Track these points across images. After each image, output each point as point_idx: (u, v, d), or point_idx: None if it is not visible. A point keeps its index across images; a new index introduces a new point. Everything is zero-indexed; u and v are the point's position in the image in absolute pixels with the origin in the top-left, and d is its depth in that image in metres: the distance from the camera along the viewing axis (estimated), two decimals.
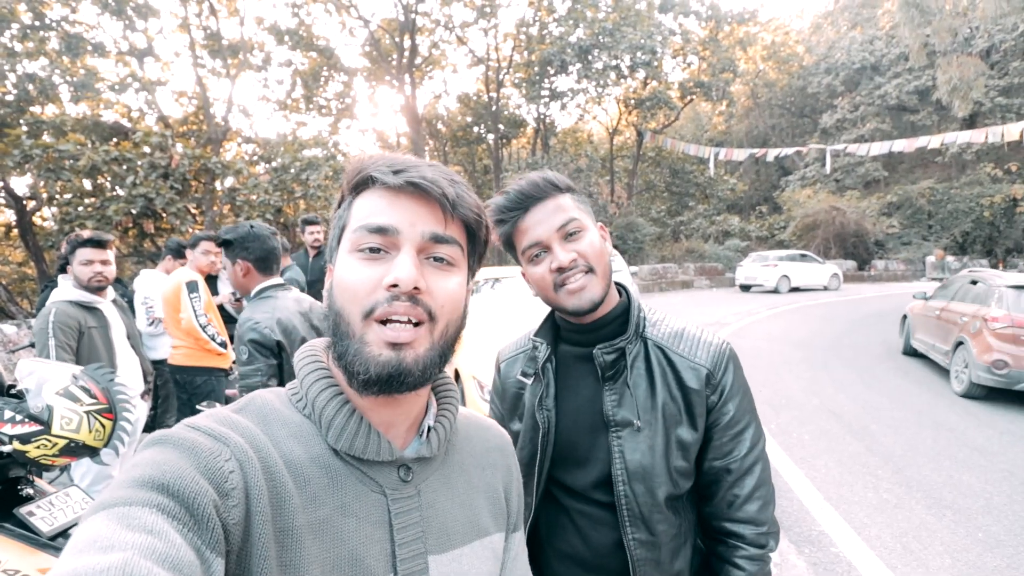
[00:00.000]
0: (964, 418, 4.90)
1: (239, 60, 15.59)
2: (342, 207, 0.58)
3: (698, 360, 0.93)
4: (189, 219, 10.01)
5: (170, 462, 0.42)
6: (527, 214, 0.91)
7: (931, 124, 24.49)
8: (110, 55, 13.58)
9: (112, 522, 0.37)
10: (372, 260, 0.53)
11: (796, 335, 9.42)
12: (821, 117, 28.13)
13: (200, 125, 15.44)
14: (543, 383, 0.98)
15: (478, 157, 26.06)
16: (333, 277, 0.56)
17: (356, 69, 21.54)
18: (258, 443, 0.49)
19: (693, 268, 20.73)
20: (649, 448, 0.91)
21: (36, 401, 1.41)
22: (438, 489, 0.59)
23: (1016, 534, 2.99)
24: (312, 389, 0.55)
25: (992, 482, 3.64)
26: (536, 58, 19.90)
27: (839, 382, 6.30)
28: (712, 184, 24.74)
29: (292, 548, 0.47)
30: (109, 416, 1.52)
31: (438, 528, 0.57)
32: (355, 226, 0.54)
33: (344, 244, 0.56)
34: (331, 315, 0.55)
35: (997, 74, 22.95)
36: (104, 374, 1.59)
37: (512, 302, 4.84)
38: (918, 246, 22.66)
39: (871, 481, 3.68)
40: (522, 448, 1.00)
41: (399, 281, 0.51)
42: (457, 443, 0.65)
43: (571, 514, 0.98)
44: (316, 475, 0.51)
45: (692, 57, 22.31)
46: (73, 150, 8.44)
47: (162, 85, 14.87)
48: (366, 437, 0.53)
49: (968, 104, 17.11)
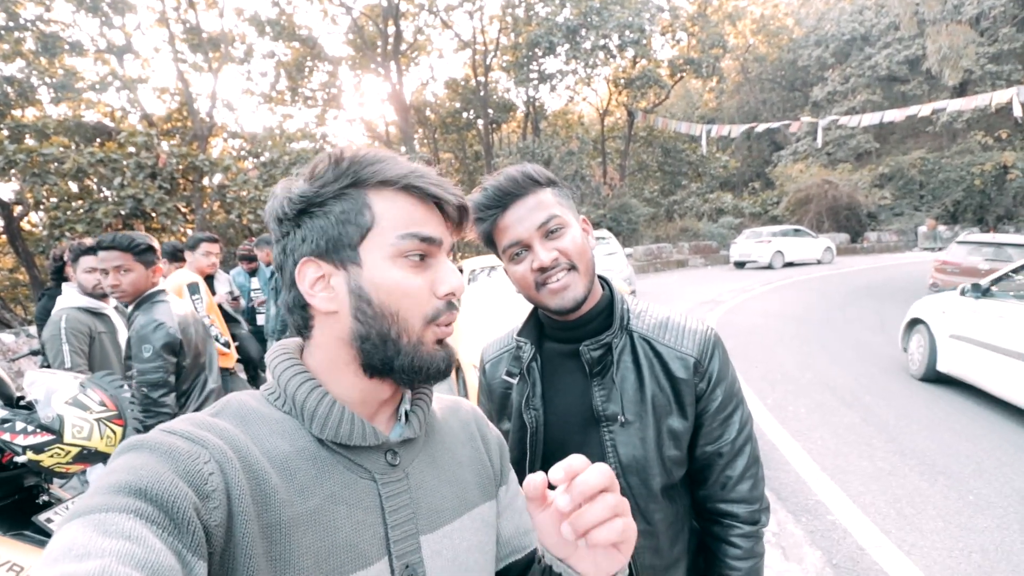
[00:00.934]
0: (957, 386, 5.00)
1: (220, 53, 15.34)
2: (343, 202, 0.54)
3: (684, 349, 0.93)
4: (180, 218, 9.95)
5: (147, 466, 0.41)
6: (506, 211, 0.88)
7: (922, 94, 24.40)
8: (88, 54, 13.35)
9: (88, 529, 0.36)
10: (419, 267, 0.55)
11: (790, 310, 9.51)
12: (812, 90, 27.98)
13: (184, 122, 15.23)
14: (529, 383, 0.97)
15: (468, 143, 25.85)
16: (368, 280, 0.54)
17: (340, 58, 21.24)
18: (237, 443, 0.49)
19: (688, 247, 20.78)
20: (641, 440, 0.91)
21: (46, 411, 1.44)
22: (425, 469, 0.61)
23: (1006, 495, 3.09)
24: (291, 384, 0.55)
25: (983, 448, 3.73)
26: (523, 40, 19.65)
27: (833, 355, 6.39)
28: (704, 162, 24.67)
29: (281, 542, 0.47)
30: (119, 422, 1.55)
31: (427, 507, 0.59)
32: (401, 232, 0.54)
33: (379, 247, 0.54)
34: (375, 315, 0.54)
35: (987, 41, 22.82)
36: (111, 381, 1.62)
37: (508, 290, 4.87)
38: (910, 216, 22.76)
39: (866, 450, 3.77)
40: (512, 448, 0.99)
41: (456, 290, 0.56)
42: (436, 423, 0.66)
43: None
44: (303, 467, 0.52)
45: (681, 34, 22.09)
46: (57, 153, 8.35)
47: (143, 82, 14.65)
48: (351, 424, 0.54)
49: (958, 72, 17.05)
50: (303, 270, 0.55)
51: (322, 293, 0.55)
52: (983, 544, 2.66)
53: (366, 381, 0.57)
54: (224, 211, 10.79)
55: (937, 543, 2.69)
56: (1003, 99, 11.52)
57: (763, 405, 4.80)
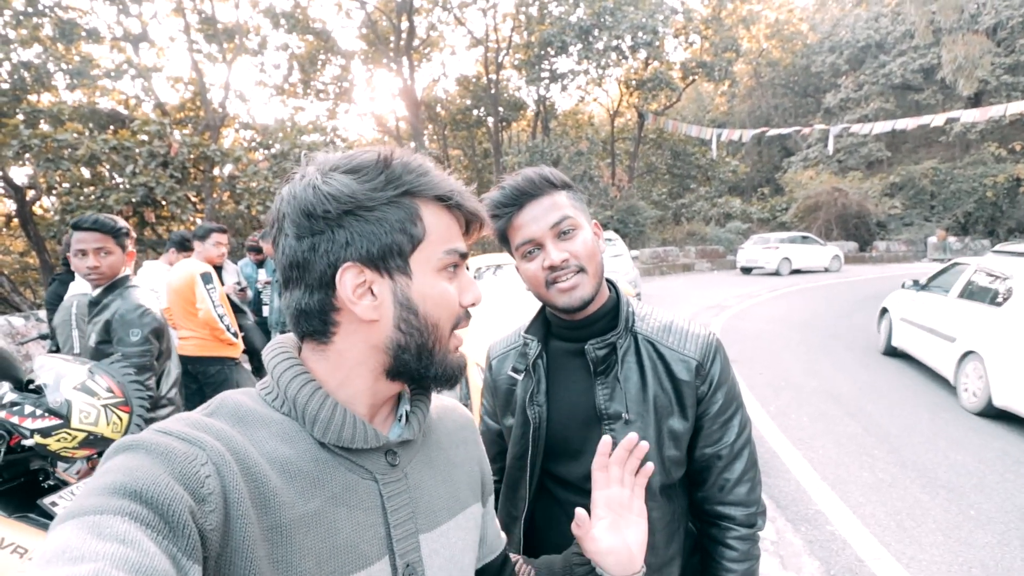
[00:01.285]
0: (956, 397, 4.96)
1: (235, 44, 15.39)
2: (397, 210, 0.53)
3: (687, 352, 0.96)
4: (190, 208, 10.01)
5: (143, 468, 0.41)
6: (522, 210, 0.92)
7: (935, 103, 24.17)
8: (104, 41, 13.41)
9: (83, 531, 0.36)
10: (451, 278, 0.58)
11: (796, 317, 9.47)
12: (825, 97, 27.80)
13: (197, 111, 15.30)
14: (534, 379, 0.99)
15: (478, 140, 25.83)
16: (417, 291, 0.55)
17: (353, 52, 21.26)
18: (235, 445, 0.48)
19: (694, 251, 20.72)
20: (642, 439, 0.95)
21: (55, 396, 1.46)
22: (422, 470, 0.62)
23: (1007, 511, 3.07)
24: (292, 386, 0.54)
25: (986, 461, 3.71)
26: (536, 39, 19.60)
27: (838, 364, 6.37)
28: (714, 166, 24.57)
29: (283, 544, 0.47)
30: (126, 409, 1.57)
31: (425, 507, 0.60)
32: (446, 247, 0.57)
33: (428, 259, 0.56)
34: (419, 327, 0.55)
35: (1004, 51, 22.58)
36: (119, 368, 1.64)
37: (513, 289, 4.87)
38: (920, 227, 22.59)
39: (867, 461, 3.76)
40: (515, 443, 1.01)
41: (477, 300, 0.60)
42: (431, 424, 0.68)
43: (566, 507, 0.98)
44: (305, 470, 0.52)
45: (694, 36, 21.96)
46: (71, 139, 8.41)
47: (158, 71, 14.69)
48: (352, 427, 0.54)
49: (973, 83, 16.88)
50: (345, 275, 0.52)
51: (365, 301, 0.53)
52: (983, 560, 2.65)
53: (383, 383, 0.57)
54: (234, 202, 10.82)
55: (936, 557, 2.68)
56: (1018, 110, 11.39)
57: (765, 412, 4.78)
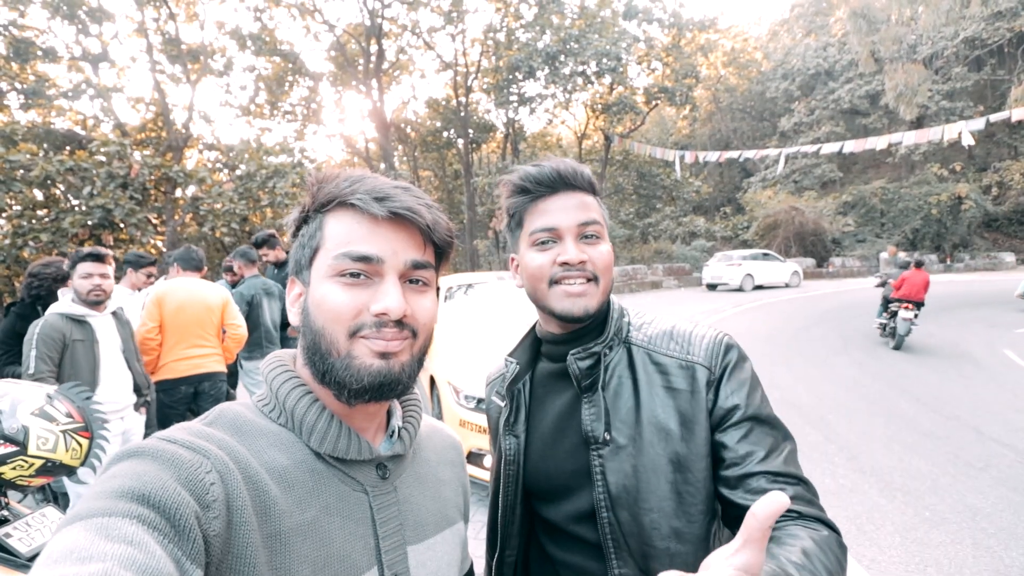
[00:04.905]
0: (914, 406, 5.21)
1: (200, 65, 15.22)
2: (311, 225, 0.58)
3: (691, 357, 0.82)
4: (150, 230, 9.73)
5: (150, 473, 0.42)
6: (554, 196, 0.82)
7: (882, 127, 25.72)
8: (62, 60, 13.08)
9: (90, 533, 0.36)
10: (354, 285, 0.54)
11: (759, 331, 9.78)
12: (780, 120, 29.23)
13: (159, 132, 14.98)
14: (512, 406, 0.90)
15: (448, 162, 26.05)
16: (310, 299, 0.56)
17: (322, 74, 21.28)
18: (236, 454, 0.49)
19: (662, 269, 21.19)
20: (633, 468, 0.78)
21: (11, 422, 1.41)
22: (412, 484, 0.63)
23: (959, 512, 3.22)
24: (289, 398, 0.56)
25: (938, 464, 3.89)
26: (504, 64, 20.07)
27: (798, 375, 6.60)
28: (678, 186, 25.36)
29: (282, 552, 0.49)
30: (86, 435, 1.52)
31: (414, 520, 0.61)
32: (336, 252, 0.54)
33: (320, 267, 0.56)
34: (309, 334, 0.56)
35: (941, 79, 24.33)
36: (79, 392, 1.60)
37: (485, 308, 4.91)
38: (872, 243, 23.73)
39: (828, 468, 3.90)
40: (493, 480, 0.93)
41: (389, 311, 0.53)
42: (422, 442, 0.69)
43: (557, 565, 0.87)
44: (301, 479, 0.53)
45: (656, 63, 22.87)
46: (25, 160, 8.12)
47: (118, 91, 14.39)
48: (347, 439, 0.56)
49: (913, 109, 18.07)
50: (291, 287, 0.60)
51: (294, 308, 0.60)
52: (937, 558, 2.77)
53: (326, 390, 0.58)
54: (197, 223, 10.57)
55: (895, 558, 2.79)
56: (952, 134, 12.25)
57: None
